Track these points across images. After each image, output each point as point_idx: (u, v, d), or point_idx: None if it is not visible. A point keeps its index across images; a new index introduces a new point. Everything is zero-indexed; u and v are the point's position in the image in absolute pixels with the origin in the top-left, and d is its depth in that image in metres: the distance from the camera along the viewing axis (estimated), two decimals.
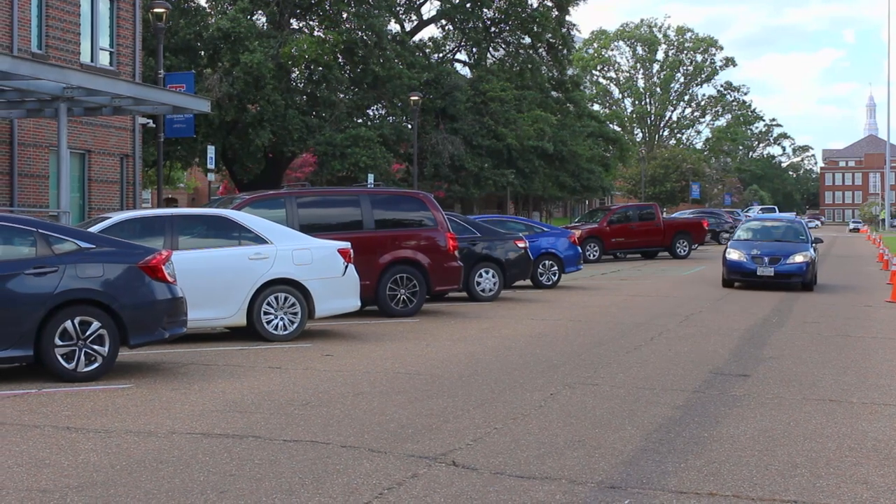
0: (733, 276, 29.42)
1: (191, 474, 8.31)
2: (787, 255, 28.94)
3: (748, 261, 29.00)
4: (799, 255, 28.93)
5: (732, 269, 29.25)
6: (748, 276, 28.98)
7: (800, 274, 28.74)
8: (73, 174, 32.47)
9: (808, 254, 29.00)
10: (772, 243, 30.13)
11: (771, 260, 28.78)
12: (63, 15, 31.84)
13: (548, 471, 8.71)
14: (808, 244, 29.99)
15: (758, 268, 28.71)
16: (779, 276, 28.60)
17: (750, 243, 30.20)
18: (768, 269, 28.59)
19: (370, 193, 21.43)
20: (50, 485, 7.95)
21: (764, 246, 29.70)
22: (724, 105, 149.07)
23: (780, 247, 29.67)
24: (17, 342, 12.39)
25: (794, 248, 29.52)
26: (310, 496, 7.77)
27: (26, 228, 12.95)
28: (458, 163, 52.56)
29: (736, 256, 29.33)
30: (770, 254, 29.00)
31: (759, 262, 28.81)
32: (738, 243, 30.39)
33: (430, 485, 8.18)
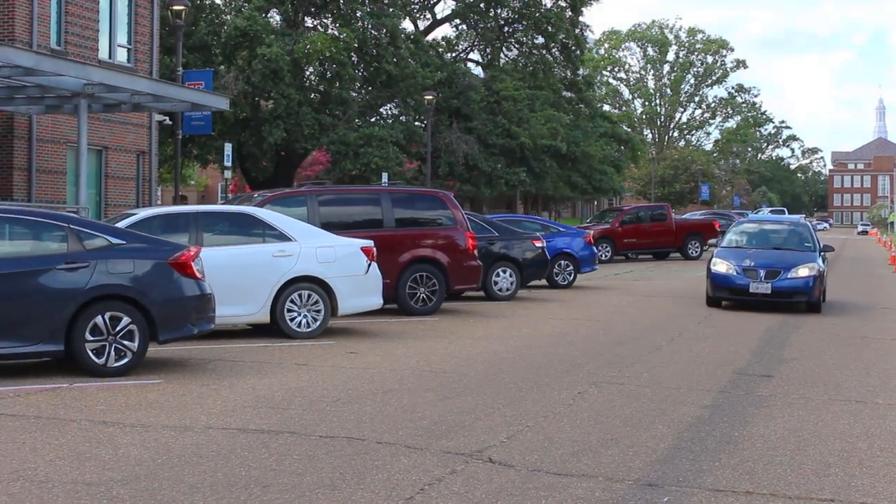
0: (720, 294, 23.59)
1: (232, 469, 8.38)
2: (789, 267, 23.07)
3: (739, 274, 23.11)
4: (803, 268, 23.08)
5: (719, 283, 23.42)
6: (738, 293, 23.24)
7: (804, 292, 22.95)
8: (90, 170, 32.46)
9: (814, 266, 23.21)
10: (770, 252, 24.12)
11: (768, 274, 22.89)
12: (82, 11, 31.91)
13: (584, 468, 8.77)
14: (816, 253, 24.11)
15: (751, 283, 22.86)
16: (777, 295, 22.82)
17: (742, 252, 24.22)
18: (764, 285, 22.75)
19: (390, 192, 21.52)
20: (94, 478, 8.03)
21: (760, 255, 23.76)
22: (734, 107, 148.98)
23: (781, 256, 23.71)
24: (48, 337, 12.47)
25: (798, 258, 23.56)
26: (352, 491, 7.84)
27: (58, 224, 13.04)
28: (472, 162, 52.60)
29: (723, 268, 23.39)
30: (767, 266, 23.10)
31: (753, 275, 22.94)
32: (728, 251, 24.39)
33: (468, 481, 8.25)
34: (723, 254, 24.18)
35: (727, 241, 25.43)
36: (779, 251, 24.26)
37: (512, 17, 57.76)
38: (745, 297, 23.17)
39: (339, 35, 47.78)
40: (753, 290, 22.83)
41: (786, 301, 23.01)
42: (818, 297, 23.22)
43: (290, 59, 46.16)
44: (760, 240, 25.20)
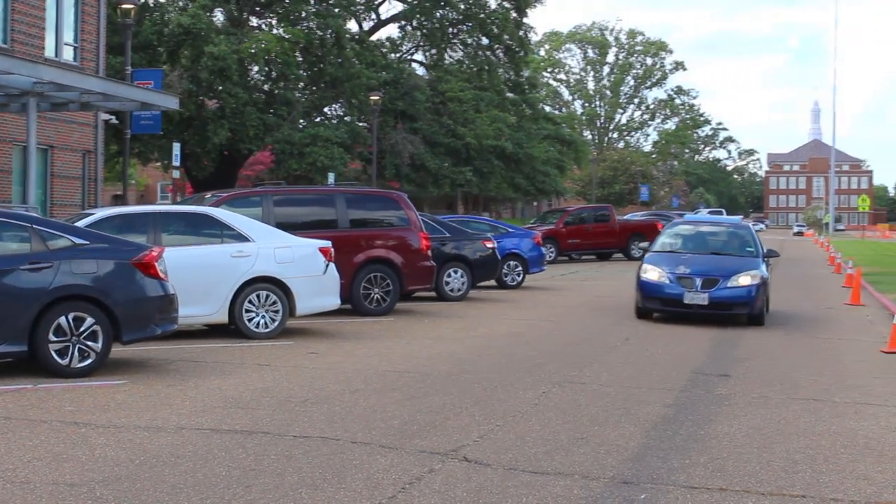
0: (650, 304, 21.15)
1: (211, 469, 8.41)
2: (729, 274, 20.72)
3: (672, 282, 20.71)
4: (745, 276, 20.77)
5: (649, 293, 21.01)
6: (671, 304, 20.82)
7: (746, 303, 20.62)
8: (37, 170, 32.22)
9: (757, 273, 20.90)
10: (707, 257, 21.66)
11: (705, 283, 20.52)
12: (29, 9, 31.63)
13: (559, 466, 8.89)
14: (759, 259, 21.76)
15: (685, 293, 20.46)
16: (716, 306, 20.50)
17: (676, 257, 21.78)
18: (700, 295, 20.38)
19: (345, 193, 21.54)
20: (75, 479, 8.02)
21: (696, 261, 21.34)
22: (673, 108, 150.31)
23: (719, 263, 21.31)
24: (11, 337, 12.39)
25: (739, 264, 21.23)
26: (334, 490, 7.90)
27: (21, 224, 12.95)
28: (418, 161, 52.68)
29: (654, 276, 20.93)
30: (704, 273, 20.70)
31: (688, 284, 20.56)
32: (660, 256, 21.87)
33: (448, 480, 8.33)
34: (654, 259, 21.62)
35: (659, 244, 22.78)
36: (717, 257, 21.69)
37: (457, 18, 57.87)
38: (678, 308, 20.69)
39: (284, 35, 47.62)
40: (688, 301, 20.35)
41: (725, 313, 20.62)
42: (761, 309, 20.86)
43: (237, 57, 45.98)
44: (697, 244, 22.71)
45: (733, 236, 22.91)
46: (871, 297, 29.63)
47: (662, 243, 22.84)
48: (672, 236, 23.28)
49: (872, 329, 21.60)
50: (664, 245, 22.74)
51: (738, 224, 23.98)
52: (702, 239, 23.01)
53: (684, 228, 23.99)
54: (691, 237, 23.19)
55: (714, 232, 23.39)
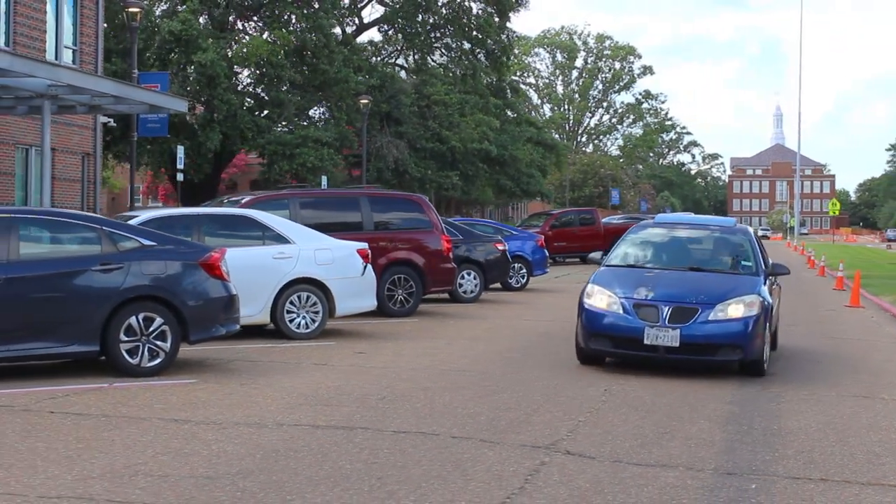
0: (596, 345, 14.42)
1: (334, 462, 8.68)
2: (713, 301, 14.08)
3: (627, 312, 14.09)
4: (737, 304, 14.13)
5: (594, 328, 14.32)
6: (625, 344, 14.15)
7: (738, 344, 13.95)
8: (38, 172, 32.28)
9: (756, 299, 14.28)
10: (683, 275, 15.06)
11: (675, 313, 13.88)
12: (31, 12, 31.67)
13: (660, 459, 9.24)
14: (760, 277, 15.08)
15: (646, 329, 13.83)
16: (691, 349, 13.89)
17: (637, 275, 15.07)
18: (667, 332, 13.76)
19: (369, 196, 21.82)
20: (209, 472, 8.27)
21: (665, 280, 14.74)
22: (638, 113, 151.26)
23: (700, 283, 14.67)
24: (84, 337, 12.60)
25: (731, 286, 14.63)
26: (463, 482, 8.20)
27: (91, 226, 13.16)
28: (402, 167, 52.98)
29: (602, 303, 14.32)
30: (675, 299, 14.10)
31: (650, 316, 13.94)
32: (615, 274, 15.17)
33: (564, 471, 8.65)
34: (605, 278, 14.90)
35: (617, 255, 15.99)
36: (698, 274, 15.06)
37: (439, 22, 58.20)
38: (635, 351, 14.07)
39: (274, 39, 47.79)
40: (650, 342, 13.76)
41: (705, 359, 14.09)
42: (760, 351, 14.21)
43: (225, 63, 46.07)
44: (671, 255, 15.93)
45: (724, 245, 16.08)
46: (865, 299, 30.15)
47: (623, 254, 16.00)
48: (637, 244, 16.34)
49: (881, 330, 22.16)
50: (625, 256, 15.95)
51: (732, 227, 16.67)
52: (679, 248, 16.16)
53: (654, 233, 16.66)
54: (664, 245, 16.21)
55: (696, 238, 16.48)
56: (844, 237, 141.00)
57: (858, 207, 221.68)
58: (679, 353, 14.04)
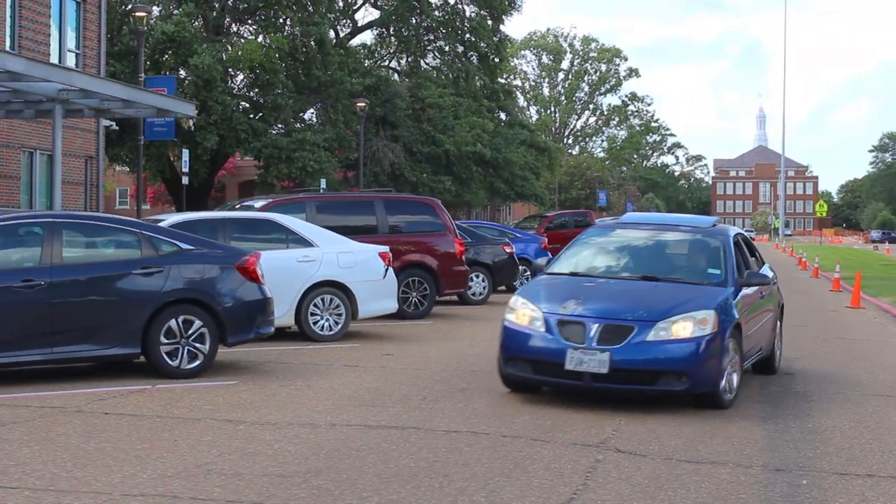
0: (514, 369, 12.11)
1: (397, 461, 8.92)
2: (652, 318, 11.68)
3: (549, 331, 11.77)
4: (684, 321, 11.69)
5: (512, 350, 12.09)
6: (546, 370, 11.83)
7: (681, 370, 11.51)
8: (42, 176, 32.45)
9: (709, 316, 11.74)
10: (627, 286, 12.69)
11: (605, 332, 11.55)
12: (35, 16, 31.82)
13: (708, 456, 9.52)
14: (727, 288, 12.58)
15: (568, 351, 11.50)
16: (622, 377, 11.49)
17: (575, 284, 12.69)
18: (594, 356, 11.40)
19: (384, 199, 22.06)
20: (280, 471, 8.51)
21: (602, 292, 12.42)
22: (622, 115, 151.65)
23: (645, 295, 12.26)
24: (126, 340, 12.82)
25: (681, 298, 12.12)
26: (527, 479, 8.46)
27: (131, 230, 13.38)
28: (397, 171, 53.22)
29: (524, 318, 12.05)
30: (607, 314, 11.76)
31: (576, 335, 11.60)
32: (550, 284, 12.91)
33: (619, 468, 8.92)
34: (533, 289, 12.71)
35: (564, 261, 13.66)
36: (647, 285, 12.64)
37: (433, 25, 58.44)
38: (557, 378, 11.78)
39: (269, 42, 47.94)
40: (572, 367, 11.43)
41: (642, 389, 11.75)
42: (715, 379, 11.73)
43: (221, 67, 46.21)
44: (626, 260, 13.64)
45: (691, 250, 13.79)
46: (864, 300, 30.49)
47: (571, 260, 13.65)
48: (590, 248, 13.96)
49: (886, 330, 22.53)
50: (572, 263, 13.54)
51: (707, 229, 14.07)
52: (635, 253, 13.74)
53: (613, 235, 14.31)
54: (619, 250, 13.87)
55: (660, 242, 13.96)
56: (829, 238, 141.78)
57: (841, 209, 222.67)
58: (608, 382, 11.40)
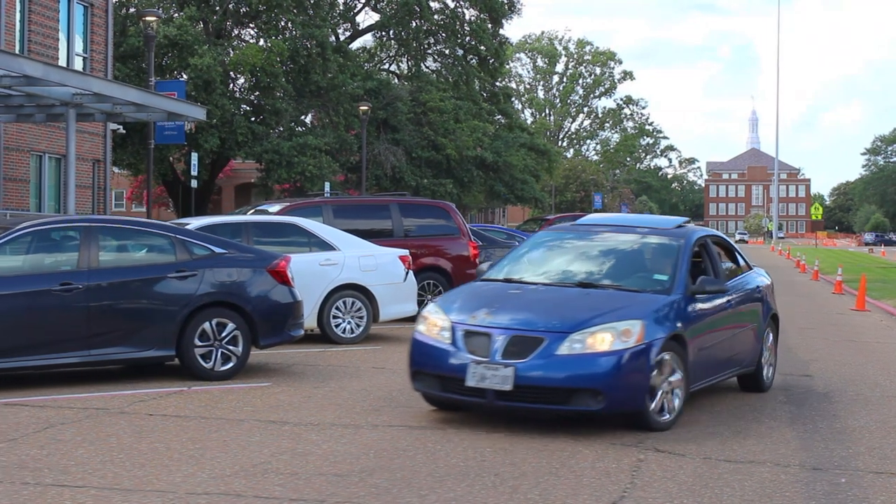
0: (421, 385, 11.13)
1: (447, 461, 9.13)
2: (566, 329, 10.47)
3: (455, 343, 10.71)
4: (603, 333, 10.48)
5: (418, 363, 11.10)
6: (450, 386, 10.71)
7: (596, 387, 10.25)
8: (51, 179, 32.64)
9: (633, 327, 10.52)
10: (555, 293, 11.48)
11: (511, 345, 10.42)
12: (44, 20, 31.99)
13: (745, 455, 9.75)
14: (669, 297, 11.34)
15: (470, 366, 10.38)
16: (528, 395, 10.32)
17: (498, 292, 11.60)
18: (498, 371, 10.27)
19: (399, 203, 22.27)
20: (335, 470, 8.72)
21: (522, 300, 11.31)
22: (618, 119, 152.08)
23: (569, 303, 11.10)
24: (162, 342, 13.02)
25: (608, 307, 10.91)
26: (576, 478, 8.69)
27: (165, 234, 13.58)
28: (398, 175, 53.49)
29: (433, 329, 11.04)
30: (517, 326, 10.63)
31: (480, 348, 10.51)
32: (473, 290, 12.05)
33: (664, 467, 9.16)
34: (454, 295, 11.89)
35: (503, 265, 12.60)
36: (578, 292, 11.46)
37: (433, 29, 58.70)
38: (459, 395, 10.67)
39: (270, 46, 48.15)
40: (475, 384, 10.33)
41: (553, 409, 10.51)
42: (640, 398, 10.50)
43: (221, 69, 46.41)
44: (567, 265, 12.39)
45: (641, 254, 12.48)
46: (868, 303, 30.75)
47: (510, 264, 12.56)
48: (535, 251, 12.90)
49: (894, 333, 22.75)
50: (510, 268, 12.45)
51: (666, 230, 12.80)
52: (579, 257, 12.54)
53: (562, 238, 13.18)
54: (564, 253, 12.74)
55: (611, 246, 12.62)
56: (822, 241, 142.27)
57: (833, 211, 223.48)
58: (513, 400, 10.28)
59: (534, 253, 12.83)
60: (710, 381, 12.26)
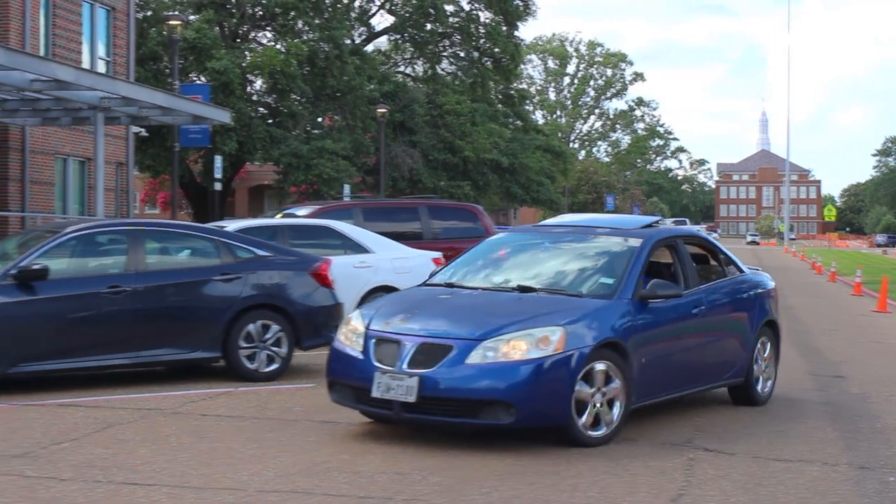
0: (337, 395, 10.45)
1: (503, 460, 9.30)
2: (477, 337, 9.71)
3: (365, 351, 10.04)
4: (518, 339, 9.67)
5: (333, 372, 10.49)
6: (357, 395, 10.09)
7: (504, 398, 9.49)
8: (76, 182, 32.88)
9: (552, 334, 9.67)
10: (488, 296, 10.73)
11: (419, 353, 9.73)
12: (68, 24, 32.22)
13: (793, 454, 9.93)
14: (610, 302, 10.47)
15: (377, 375, 9.73)
16: (432, 407, 9.60)
17: (430, 295, 10.99)
18: (403, 381, 9.60)
19: (428, 205, 22.45)
20: (396, 468, 8.90)
21: (444, 305, 10.58)
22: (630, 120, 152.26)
23: (493, 308, 10.33)
24: (208, 344, 13.24)
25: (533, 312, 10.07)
26: (632, 476, 8.88)
27: (210, 237, 13.81)
28: (416, 177, 53.74)
29: (350, 335, 10.39)
30: (429, 332, 9.92)
31: (388, 356, 9.85)
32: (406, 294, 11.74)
33: (716, 466, 9.35)
34: (379, 301, 11.50)
35: (451, 267, 12.00)
36: (513, 296, 10.68)
37: (448, 31, 58.94)
38: (367, 406, 10.12)
39: (287, 49, 48.42)
40: (381, 395, 9.72)
41: (460, 423, 9.81)
42: (559, 412, 9.72)
43: (239, 71, 46.69)
44: (513, 268, 11.63)
45: (595, 255, 11.50)
46: (890, 304, 30.86)
47: (456, 267, 11.90)
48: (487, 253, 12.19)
49: None
50: (453, 271, 11.78)
51: (627, 231, 11.93)
52: (530, 260, 11.85)
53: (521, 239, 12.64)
54: (516, 256, 11.99)
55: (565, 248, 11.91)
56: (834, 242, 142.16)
57: (844, 213, 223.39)
58: (419, 412, 9.65)
59: (484, 255, 12.06)
60: (672, 394, 11.40)
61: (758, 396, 12.58)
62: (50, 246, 12.80)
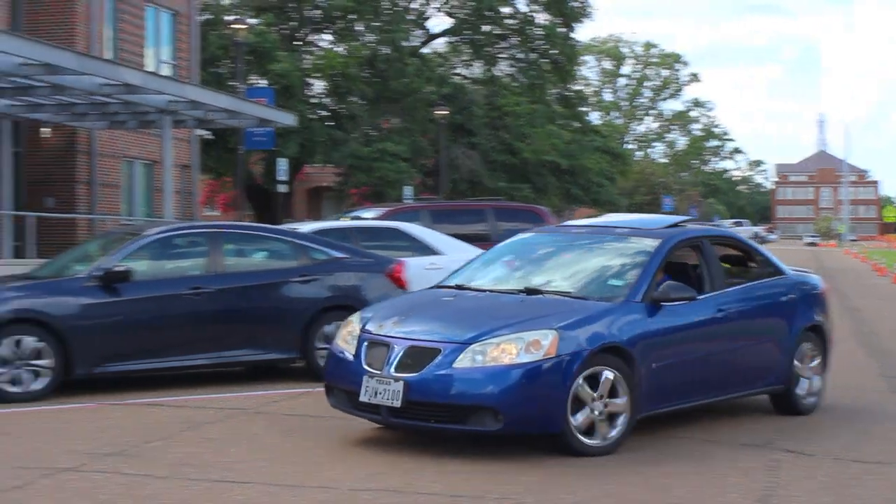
0: (333, 400, 10.30)
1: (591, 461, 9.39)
2: (465, 340, 9.42)
3: (357, 354, 9.85)
4: (508, 343, 9.36)
5: (330, 375, 10.31)
6: (350, 400, 9.90)
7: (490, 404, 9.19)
8: (142, 184, 33.34)
9: (543, 337, 9.31)
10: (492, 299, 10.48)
11: (407, 357, 9.51)
12: (133, 28, 32.71)
13: (873, 456, 9.93)
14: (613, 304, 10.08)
15: (365, 378, 9.57)
16: (417, 412, 9.38)
17: (433, 297, 10.89)
18: (389, 385, 9.39)
19: (494, 207, 22.56)
20: (484, 468, 9.02)
21: (443, 308, 10.34)
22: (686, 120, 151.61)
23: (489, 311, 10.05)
24: (286, 345, 13.46)
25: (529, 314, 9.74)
26: (720, 477, 8.94)
27: (288, 239, 14.03)
28: (476, 178, 53.90)
29: (346, 337, 10.23)
30: (418, 335, 9.69)
31: (377, 359, 9.64)
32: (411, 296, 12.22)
33: (800, 467, 9.39)
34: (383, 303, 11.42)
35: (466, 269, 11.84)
36: (515, 298, 10.39)
37: (506, 33, 59.02)
38: (356, 410, 9.94)
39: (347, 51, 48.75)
40: (369, 399, 9.55)
41: (448, 429, 9.57)
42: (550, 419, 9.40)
43: (300, 74, 47.06)
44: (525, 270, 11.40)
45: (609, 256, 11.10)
46: None
47: (469, 270, 11.79)
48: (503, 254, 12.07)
49: None
50: (467, 273, 11.65)
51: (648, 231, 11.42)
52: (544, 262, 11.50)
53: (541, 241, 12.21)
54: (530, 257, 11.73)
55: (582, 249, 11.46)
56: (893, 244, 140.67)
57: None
58: (405, 417, 9.46)
59: (501, 257, 11.88)
60: (694, 401, 10.89)
61: (800, 404, 11.89)
62: (132, 248, 13.07)
